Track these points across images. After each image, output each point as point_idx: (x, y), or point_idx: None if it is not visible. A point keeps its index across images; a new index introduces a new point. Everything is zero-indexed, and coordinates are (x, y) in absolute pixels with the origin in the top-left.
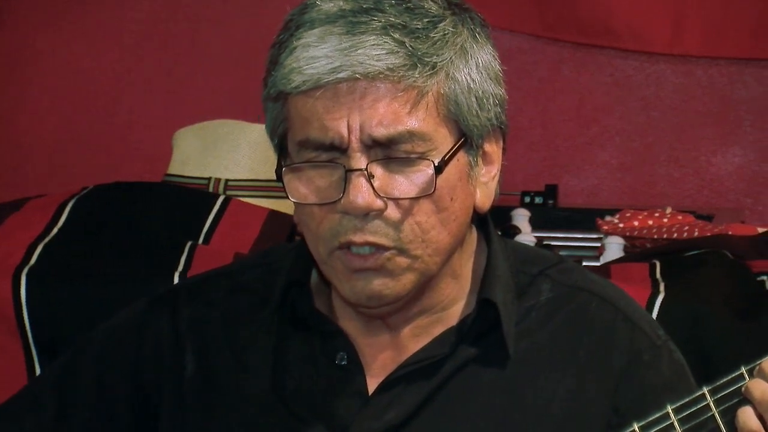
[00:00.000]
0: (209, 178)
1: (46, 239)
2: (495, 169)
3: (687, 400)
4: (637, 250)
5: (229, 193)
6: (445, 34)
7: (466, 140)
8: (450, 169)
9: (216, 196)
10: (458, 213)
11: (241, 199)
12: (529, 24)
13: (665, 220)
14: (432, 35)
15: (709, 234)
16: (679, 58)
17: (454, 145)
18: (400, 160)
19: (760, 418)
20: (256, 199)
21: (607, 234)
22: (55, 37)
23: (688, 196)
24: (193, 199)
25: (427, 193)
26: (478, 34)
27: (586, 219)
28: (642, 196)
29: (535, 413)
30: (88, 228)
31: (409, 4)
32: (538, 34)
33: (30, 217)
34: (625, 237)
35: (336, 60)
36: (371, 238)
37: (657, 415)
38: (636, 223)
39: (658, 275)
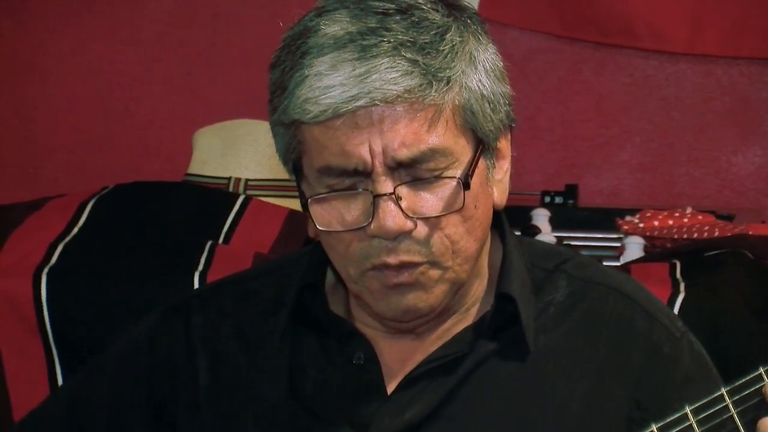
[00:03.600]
0: (229, 178)
1: (67, 239)
2: (507, 164)
3: (705, 401)
4: (657, 250)
5: (249, 192)
6: (453, 45)
7: (484, 146)
8: (473, 179)
9: (236, 195)
10: (482, 218)
11: (261, 198)
12: (548, 24)
13: (685, 220)
14: (441, 48)
15: (729, 234)
16: (699, 57)
17: (475, 155)
18: (425, 180)
19: None
20: (276, 198)
21: (628, 234)
22: (75, 37)
23: (708, 196)
24: (214, 199)
25: (456, 208)
26: (480, 35)
27: (606, 219)
28: (662, 195)
29: (555, 409)
30: (108, 228)
31: (413, 18)
32: (558, 34)
33: (50, 216)
34: (645, 237)
35: (352, 88)
36: (405, 258)
37: (676, 416)
38: (656, 223)
39: (678, 275)
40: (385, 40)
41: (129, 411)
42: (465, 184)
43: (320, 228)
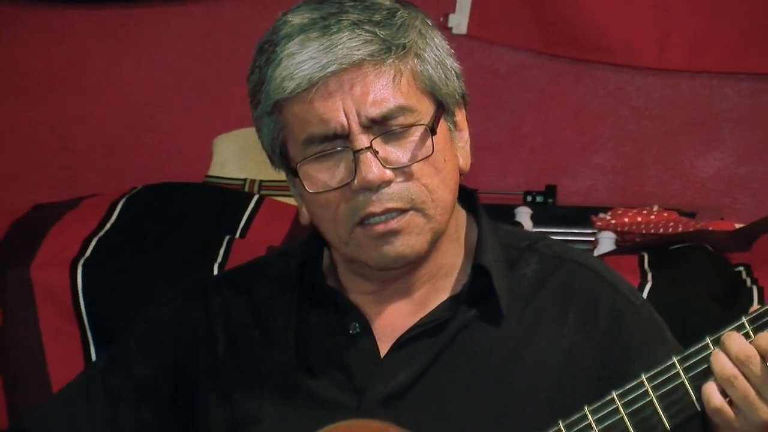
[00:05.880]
0: (245, 179)
1: (100, 234)
2: (466, 135)
3: (659, 369)
4: (627, 244)
5: (263, 192)
6: (404, 20)
7: (444, 108)
8: (438, 134)
9: (251, 195)
10: (452, 173)
11: (274, 197)
12: (531, 41)
13: (652, 217)
14: (394, 22)
15: (691, 229)
16: (666, 72)
17: (437, 112)
18: (397, 133)
19: (723, 391)
20: (287, 198)
21: (601, 229)
22: (107, 54)
23: (674, 196)
24: (231, 198)
25: (427, 155)
26: (426, 20)
27: (581, 216)
28: (632, 195)
29: (533, 370)
30: (137, 224)
31: (366, 3)
32: (539, 51)
33: (85, 214)
34: (616, 232)
35: (322, 58)
36: (389, 204)
37: (633, 383)
38: (626, 220)
39: (646, 266)
40: (344, 19)
41: (158, 381)
42: (431, 129)
43: (311, 191)
